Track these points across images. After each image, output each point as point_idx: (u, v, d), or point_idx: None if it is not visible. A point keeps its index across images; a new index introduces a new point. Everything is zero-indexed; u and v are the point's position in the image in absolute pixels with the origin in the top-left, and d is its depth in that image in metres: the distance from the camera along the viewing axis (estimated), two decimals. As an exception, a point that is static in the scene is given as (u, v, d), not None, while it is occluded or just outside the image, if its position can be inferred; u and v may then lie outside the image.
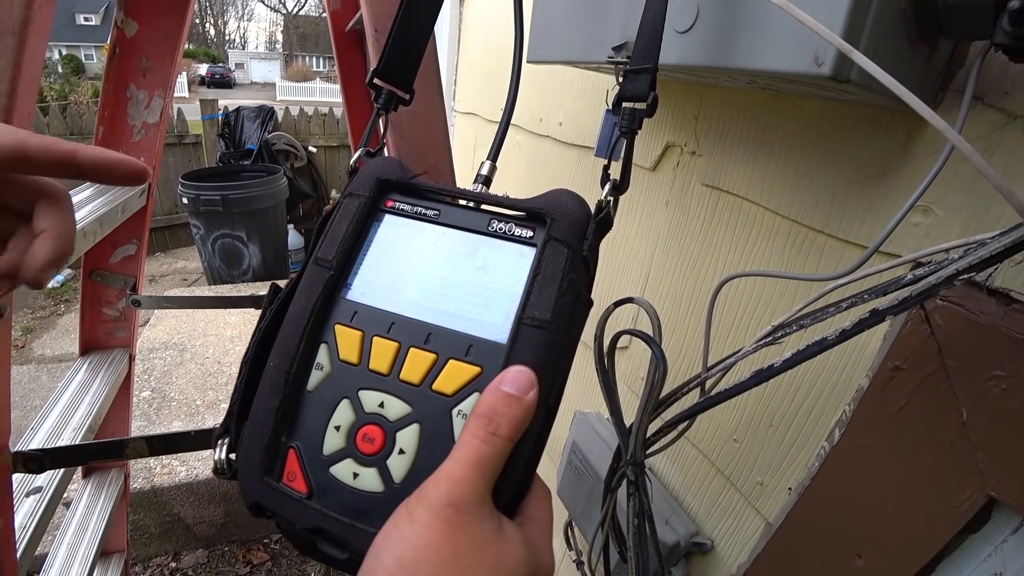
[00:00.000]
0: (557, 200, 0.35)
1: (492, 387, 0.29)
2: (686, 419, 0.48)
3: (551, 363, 0.31)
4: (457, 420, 0.31)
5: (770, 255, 0.62)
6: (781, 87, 0.51)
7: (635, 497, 0.53)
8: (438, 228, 0.36)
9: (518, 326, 0.31)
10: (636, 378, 0.84)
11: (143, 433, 2.22)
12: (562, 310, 0.32)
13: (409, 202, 0.38)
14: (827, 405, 0.59)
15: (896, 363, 0.51)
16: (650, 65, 0.37)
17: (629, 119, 0.38)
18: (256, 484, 0.32)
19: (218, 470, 0.34)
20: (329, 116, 5.55)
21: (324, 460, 0.32)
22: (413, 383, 0.32)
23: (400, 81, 0.48)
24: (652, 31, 0.38)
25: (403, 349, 0.32)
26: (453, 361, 0.32)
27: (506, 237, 0.35)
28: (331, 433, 0.32)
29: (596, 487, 0.81)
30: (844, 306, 0.39)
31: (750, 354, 0.44)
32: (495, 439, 0.27)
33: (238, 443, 0.34)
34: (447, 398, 0.31)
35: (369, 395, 0.32)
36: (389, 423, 0.31)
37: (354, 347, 0.33)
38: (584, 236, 0.34)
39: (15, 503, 0.76)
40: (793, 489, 0.62)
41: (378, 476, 0.31)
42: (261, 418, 0.33)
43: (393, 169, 0.38)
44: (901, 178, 0.49)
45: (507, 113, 0.50)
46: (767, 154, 0.61)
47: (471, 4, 1.57)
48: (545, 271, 0.32)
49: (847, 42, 0.33)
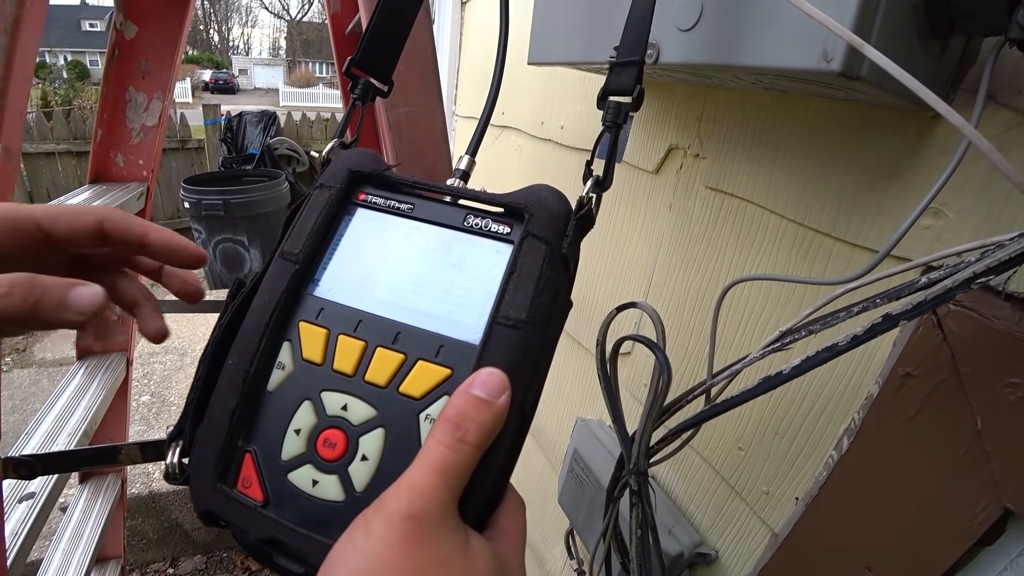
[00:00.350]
0: (536, 195, 0.33)
1: (461, 390, 0.27)
2: (691, 427, 0.46)
3: (526, 366, 0.30)
4: (425, 425, 0.29)
5: (776, 259, 0.61)
6: (787, 87, 0.50)
7: (638, 507, 0.52)
8: (412, 223, 0.35)
9: (491, 326, 0.30)
10: (639, 384, 0.82)
11: (141, 438, 2.21)
12: (539, 310, 0.30)
13: (382, 195, 0.36)
14: (835, 413, 0.57)
15: (907, 370, 0.49)
16: (636, 58, 0.36)
17: (614, 113, 0.37)
18: (208, 491, 0.30)
19: (169, 475, 0.32)
20: (332, 121, 5.57)
21: (282, 466, 0.30)
22: (379, 385, 0.30)
23: (378, 71, 0.46)
24: (640, 23, 0.37)
25: (370, 349, 0.31)
26: (422, 362, 0.30)
27: (482, 233, 0.34)
28: (291, 437, 0.30)
29: (598, 495, 0.80)
30: (855, 311, 0.37)
31: (757, 360, 0.42)
32: (462, 446, 0.26)
33: (192, 446, 0.32)
34: (415, 401, 0.29)
35: (332, 397, 0.30)
36: (352, 427, 0.30)
37: (318, 346, 0.31)
38: (564, 233, 0.32)
39: (6, 510, 0.75)
40: (800, 499, 0.61)
41: (339, 484, 0.29)
42: (217, 420, 0.31)
43: (366, 161, 0.37)
44: (911, 180, 0.48)
45: (488, 107, 0.48)
46: (772, 156, 0.60)
47: (472, 8, 1.56)
48: (521, 269, 0.31)
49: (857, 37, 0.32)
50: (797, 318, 0.42)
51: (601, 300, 0.93)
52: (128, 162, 1.11)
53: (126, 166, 1.11)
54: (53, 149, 4.87)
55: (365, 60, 0.45)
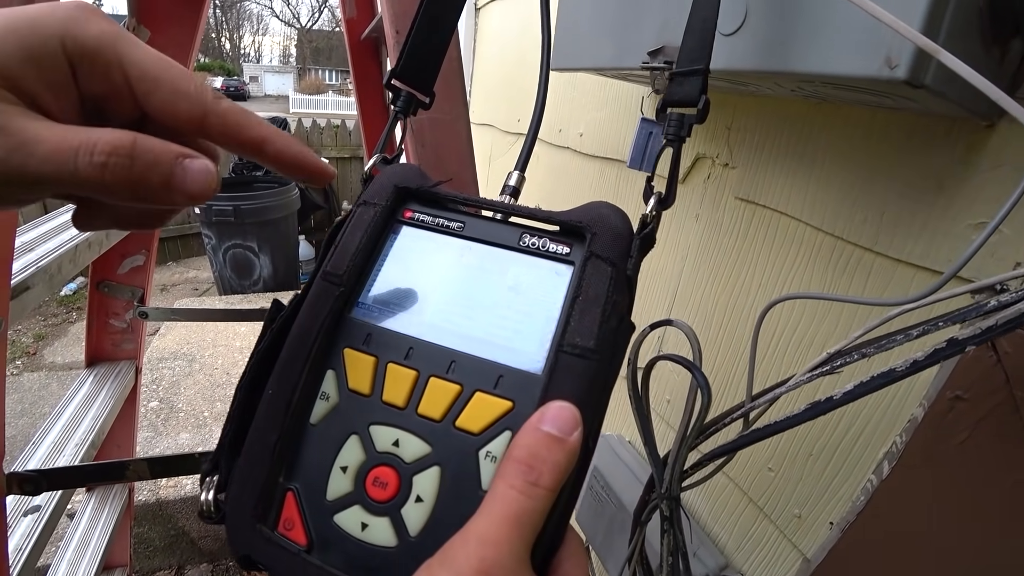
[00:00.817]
0: (597, 213, 0.31)
1: (530, 426, 0.25)
2: (729, 452, 0.44)
3: (593, 397, 0.27)
4: (485, 463, 0.26)
5: (811, 273, 0.59)
6: (829, 94, 0.47)
7: (670, 534, 0.49)
8: (463, 242, 0.33)
9: (556, 354, 0.27)
10: (661, 400, 0.80)
11: (148, 444, 2.20)
12: (606, 336, 0.27)
13: (430, 213, 0.34)
14: (874, 435, 0.55)
15: (956, 392, 0.46)
16: (701, 66, 0.34)
17: (676, 126, 0.34)
18: (247, 533, 0.27)
19: (204, 513, 0.30)
20: (341, 128, 5.58)
21: (328, 506, 0.27)
22: (433, 418, 0.27)
23: (420, 83, 0.44)
24: (703, 29, 0.34)
25: (422, 378, 0.28)
26: (480, 394, 0.28)
27: (540, 253, 0.31)
28: (336, 475, 0.28)
29: (618, 515, 0.77)
30: (914, 334, 0.35)
31: (804, 384, 0.40)
32: (536, 490, 0.23)
33: (228, 482, 0.29)
34: (473, 437, 0.27)
35: (382, 431, 0.28)
36: (405, 465, 0.27)
37: (366, 375, 0.29)
38: (628, 253, 0.30)
39: (11, 523, 0.73)
40: (835, 524, 0.58)
41: (391, 528, 0.26)
42: (255, 454, 0.28)
43: (412, 176, 0.34)
44: (961, 193, 0.46)
45: (535, 121, 0.46)
46: (808, 166, 0.58)
47: (486, 15, 1.55)
48: (587, 292, 0.28)
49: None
50: (847, 339, 0.39)
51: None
52: (140, 167, 1.09)
53: (138, 172, 1.09)
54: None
55: (406, 71, 0.42)
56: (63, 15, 0.22)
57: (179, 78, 0.24)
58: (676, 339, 0.77)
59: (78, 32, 0.22)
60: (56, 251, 0.72)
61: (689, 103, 0.34)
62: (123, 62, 0.23)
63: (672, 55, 0.49)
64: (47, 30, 0.21)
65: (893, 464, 0.52)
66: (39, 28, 0.21)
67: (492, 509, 0.23)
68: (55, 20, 0.22)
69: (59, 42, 0.22)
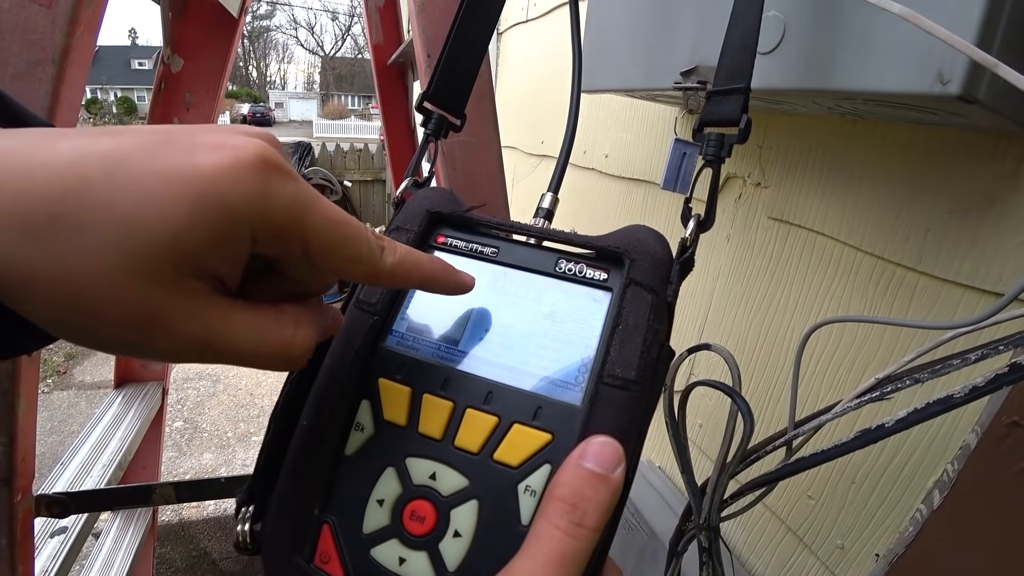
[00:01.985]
0: (635, 237, 0.30)
1: (572, 463, 0.24)
2: (772, 482, 0.42)
3: (635, 430, 0.26)
4: (524, 497, 0.25)
5: (851, 294, 0.57)
6: (869, 111, 0.46)
7: (708, 566, 0.47)
8: (497, 268, 0.32)
9: (597, 385, 0.26)
10: (693, 426, 0.78)
11: (172, 467, 2.21)
12: (647, 367, 0.27)
13: (463, 238, 0.33)
14: (923, 463, 0.52)
15: (1014, 418, 0.44)
16: (741, 85, 0.33)
17: (716, 146, 0.33)
18: (283, 565, 0.27)
19: (240, 545, 0.29)
20: (364, 152, 5.68)
21: (364, 540, 0.27)
22: (471, 451, 0.27)
23: (451, 105, 0.44)
24: (743, 47, 0.34)
25: (459, 410, 0.28)
26: (518, 425, 0.27)
27: (577, 280, 0.30)
28: (373, 508, 0.27)
29: (650, 544, 0.74)
30: (972, 359, 0.33)
31: (851, 410, 0.38)
32: (581, 531, 0.22)
33: (264, 513, 0.29)
34: (512, 470, 0.26)
35: (419, 463, 0.27)
36: (442, 498, 0.26)
37: (401, 406, 0.28)
38: (668, 279, 0.29)
39: (38, 545, 0.74)
40: (882, 556, 0.55)
41: (428, 563, 0.26)
42: (290, 486, 0.28)
43: (445, 201, 0.34)
44: (1013, 209, 0.44)
45: (567, 141, 0.46)
46: (845, 185, 0.56)
47: (508, 38, 1.57)
48: (627, 320, 0.27)
49: (977, 55, 0.28)
50: (898, 364, 0.38)
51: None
52: (172, 192, 1.12)
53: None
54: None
55: (438, 94, 0.42)
56: (253, 189, 0.19)
57: (354, 246, 0.23)
58: (708, 363, 0.75)
59: (268, 211, 0.20)
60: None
61: (729, 122, 0.33)
62: (306, 235, 0.21)
63: (706, 75, 0.48)
64: (239, 211, 0.19)
65: (945, 493, 0.49)
66: (230, 210, 0.19)
67: (537, 550, 0.22)
68: (244, 197, 0.19)
69: (249, 223, 0.20)
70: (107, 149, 0.18)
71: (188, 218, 0.18)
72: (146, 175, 0.18)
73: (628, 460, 0.25)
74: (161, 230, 0.18)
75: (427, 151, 0.44)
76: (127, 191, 0.17)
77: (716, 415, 0.77)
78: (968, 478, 0.48)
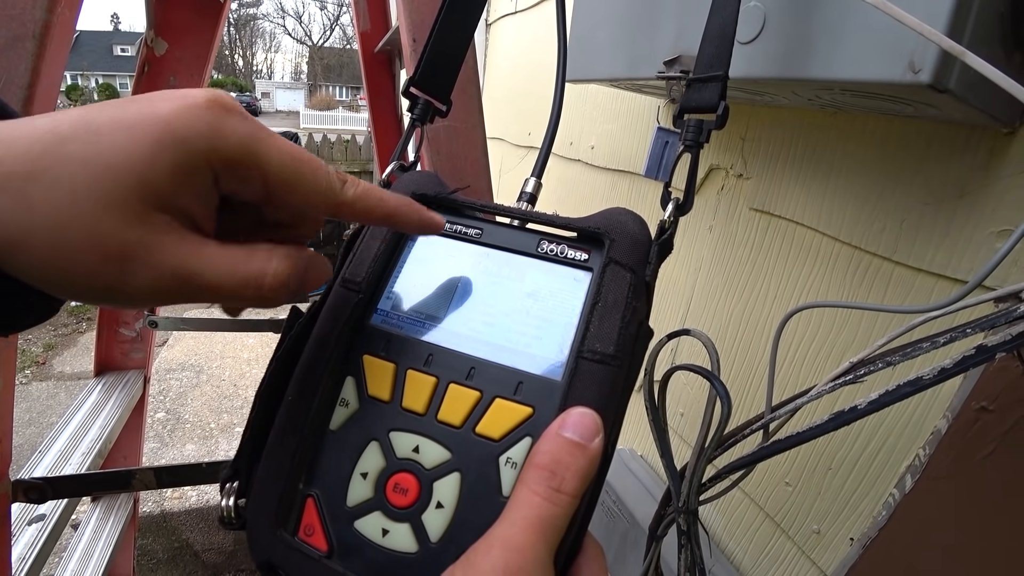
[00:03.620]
0: (616, 219, 0.31)
1: (551, 433, 0.24)
2: (749, 464, 0.43)
3: (613, 403, 0.27)
4: (505, 469, 0.26)
5: (828, 283, 0.58)
6: (847, 102, 0.47)
7: (687, 548, 0.48)
8: (481, 249, 0.33)
9: (576, 360, 0.27)
10: (675, 415, 0.79)
11: (155, 455, 2.19)
12: (626, 342, 0.27)
13: (448, 220, 0.34)
14: (896, 448, 0.53)
15: (982, 404, 0.45)
16: (720, 72, 0.34)
17: (695, 132, 0.34)
18: (268, 538, 0.27)
19: (224, 519, 0.29)
20: (351, 143, 5.64)
21: (348, 512, 0.27)
22: (453, 425, 0.27)
23: (437, 91, 0.45)
24: (721, 36, 0.34)
25: (442, 385, 0.28)
26: (500, 400, 0.27)
27: (558, 260, 0.31)
28: (357, 481, 0.27)
29: (631, 531, 0.76)
30: (941, 342, 0.34)
31: (826, 393, 0.39)
32: (560, 496, 0.23)
33: (248, 488, 0.29)
34: (493, 443, 0.27)
35: (402, 437, 0.28)
36: (425, 471, 0.27)
37: (385, 381, 0.29)
38: (647, 260, 0.30)
39: (15, 532, 0.73)
40: (856, 540, 0.57)
41: (411, 534, 0.26)
42: (275, 461, 0.28)
43: (430, 183, 0.35)
44: (983, 200, 0.45)
45: (552, 127, 0.46)
46: (824, 176, 0.57)
47: (497, 30, 1.57)
48: (606, 298, 0.28)
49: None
50: (870, 348, 0.39)
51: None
52: (154, 178, 1.10)
53: (152, 182, 1.10)
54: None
55: (424, 79, 0.43)
56: (205, 125, 0.21)
57: (312, 178, 0.24)
58: (690, 351, 0.76)
59: (221, 144, 0.21)
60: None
61: (708, 109, 0.34)
62: (263, 168, 0.23)
63: (689, 64, 0.48)
64: (194, 145, 0.21)
65: (916, 478, 0.51)
66: (186, 144, 0.21)
67: (516, 515, 0.22)
68: (198, 133, 0.21)
69: (205, 158, 0.21)
70: (78, 114, 0.20)
71: (150, 156, 0.20)
72: (113, 126, 0.20)
73: (607, 432, 0.26)
74: (127, 170, 0.20)
75: (413, 136, 0.44)
76: (98, 143, 0.20)
77: (698, 404, 0.78)
78: (939, 462, 0.49)
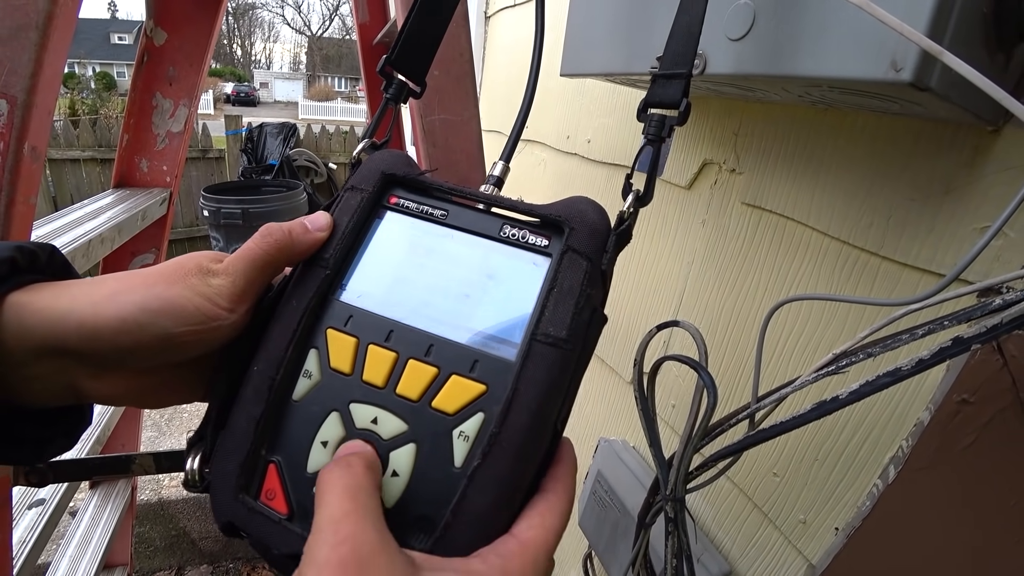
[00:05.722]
0: (576, 208, 0.32)
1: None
2: (735, 453, 0.44)
3: (563, 384, 0.29)
4: (458, 442, 0.27)
5: (817, 277, 0.59)
6: (836, 99, 0.48)
7: (674, 536, 0.49)
8: (445, 230, 0.34)
9: (530, 342, 0.28)
10: (666, 406, 0.80)
11: (152, 444, 2.20)
12: (578, 328, 0.29)
13: (415, 200, 0.35)
14: (880, 439, 0.55)
15: (963, 396, 0.46)
16: (683, 70, 0.35)
17: (657, 126, 0.35)
18: (230, 501, 0.29)
19: (188, 482, 0.31)
20: (350, 134, 5.63)
21: (308, 478, 0.29)
22: (411, 399, 0.29)
23: (412, 71, 0.45)
24: (687, 34, 0.35)
25: (401, 360, 0.30)
26: (456, 377, 0.29)
27: (519, 244, 0.32)
28: (317, 449, 0.29)
29: (623, 520, 0.77)
30: (919, 333, 0.35)
31: (810, 384, 0.40)
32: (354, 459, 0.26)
33: (213, 453, 0.31)
34: (448, 417, 0.28)
35: (361, 409, 0.29)
36: (382, 441, 0.28)
37: (347, 355, 0.30)
38: (604, 249, 0.31)
39: (15, 515, 0.74)
40: (841, 529, 0.58)
41: None
42: (240, 428, 0.30)
43: (400, 164, 0.36)
44: (968, 196, 0.46)
45: (523, 112, 0.47)
46: (814, 172, 0.58)
47: (496, 23, 1.57)
48: (562, 284, 0.30)
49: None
50: (853, 340, 0.40)
51: (628, 318, 0.91)
52: (152, 167, 1.11)
53: (150, 171, 1.11)
54: (79, 156, 4.95)
55: (400, 59, 0.43)
56: None
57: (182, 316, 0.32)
58: (682, 343, 0.77)
59: None
60: (70, 245, 0.73)
61: (671, 105, 0.35)
62: None
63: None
64: None
65: (899, 468, 0.52)
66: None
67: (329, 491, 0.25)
68: None
69: None
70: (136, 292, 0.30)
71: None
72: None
73: (556, 409, 0.28)
74: None
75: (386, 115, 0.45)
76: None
77: (690, 395, 0.79)
78: (921, 453, 0.50)
